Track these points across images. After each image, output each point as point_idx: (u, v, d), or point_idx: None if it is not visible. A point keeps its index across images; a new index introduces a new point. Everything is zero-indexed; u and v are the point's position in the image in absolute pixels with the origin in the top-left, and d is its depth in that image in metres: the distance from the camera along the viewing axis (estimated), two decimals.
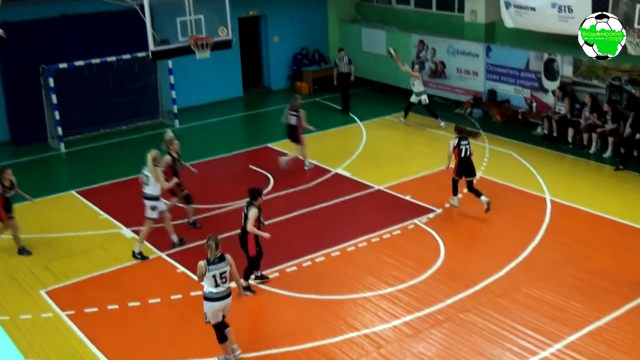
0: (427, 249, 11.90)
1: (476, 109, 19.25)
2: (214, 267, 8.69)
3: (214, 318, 8.86)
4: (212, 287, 8.72)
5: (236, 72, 21.89)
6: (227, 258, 8.83)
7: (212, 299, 8.76)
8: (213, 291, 8.73)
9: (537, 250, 11.72)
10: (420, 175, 15.11)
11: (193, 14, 14.90)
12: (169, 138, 12.75)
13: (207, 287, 8.75)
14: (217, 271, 8.69)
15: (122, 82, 19.03)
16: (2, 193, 11.99)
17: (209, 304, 8.78)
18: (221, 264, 8.74)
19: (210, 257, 8.74)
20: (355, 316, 10.08)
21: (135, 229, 12.99)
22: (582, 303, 10.09)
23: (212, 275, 8.68)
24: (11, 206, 12.21)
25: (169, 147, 12.67)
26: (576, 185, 14.48)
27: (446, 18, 20.70)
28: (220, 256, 8.78)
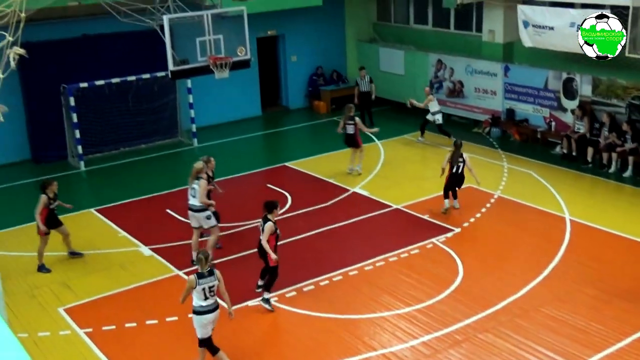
0: (445, 269, 11.82)
1: (494, 128, 19.19)
2: (204, 280, 8.94)
3: (204, 332, 9.06)
4: (202, 300, 8.94)
5: (254, 92, 22.01)
6: (216, 273, 9.08)
7: (201, 312, 8.97)
8: (202, 304, 8.94)
9: (556, 271, 11.61)
10: (438, 195, 15.03)
11: (212, 34, 15.04)
12: (206, 158, 12.78)
13: (197, 300, 8.98)
14: (207, 285, 8.93)
15: (141, 101, 19.20)
16: (47, 205, 12.24)
17: (198, 317, 9.00)
18: (210, 278, 8.98)
19: (200, 271, 8.98)
20: (372, 336, 10.02)
21: (154, 247, 13.05)
22: (602, 324, 9.97)
23: (201, 289, 8.91)
24: (55, 220, 12.46)
25: (206, 165, 12.72)
26: (596, 205, 14.35)
27: (464, 38, 20.72)
28: (209, 270, 9.03)
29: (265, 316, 10.67)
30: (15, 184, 17.13)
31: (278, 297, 11.11)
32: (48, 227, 12.32)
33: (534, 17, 17.16)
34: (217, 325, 9.88)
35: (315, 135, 20.67)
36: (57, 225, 12.60)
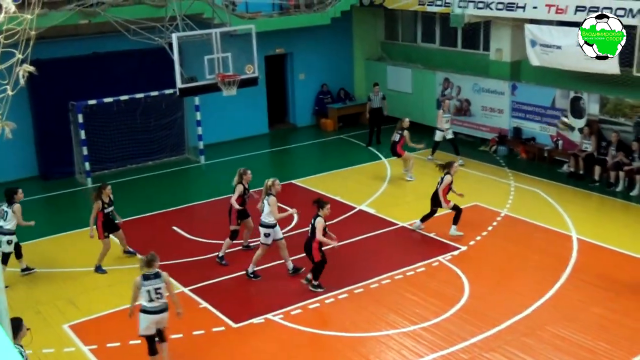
0: (451, 287, 11.78)
1: (501, 147, 19.18)
2: (149, 282, 9.24)
3: (147, 330, 9.36)
4: (147, 301, 9.27)
5: (262, 109, 22.09)
6: (162, 275, 9.34)
7: (147, 312, 9.30)
8: (147, 305, 9.27)
9: (563, 289, 11.54)
10: (445, 213, 14.99)
11: (221, 52, 15.14)
12: (242, 169, 13.16)
13: (142, 301, 9.31)
14: (152, 287, 9.23)
15: (149, 118, 19.29)
16: (102, 209, 12.69)
17: (144, 316, 9.31)
18: (156, 280, 9.27)
19: (145, 273, 9.28)
20: (378, 354, 9.96)
21: (160, 264, 13.00)
22: (610, 343, 9.89)
23: (146, 291, 9.23)
24: (112, 224, 12.99)
25: (242, 178, 13.00)
26: (603, 224, 14.28)
27: (471, 56, 20.76)
28: (155, 273, 9.31)
29: (271, 334, 10.64)
30: (23, 200, 17.12)
31: (283, 314, 11.09)
32: (105, 231, 12.78)
33: (541, 36, 17.20)
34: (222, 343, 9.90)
35: (322, 153, 20.69)
36: (115, 230, 13.11)
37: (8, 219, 12.41)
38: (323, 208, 11.59)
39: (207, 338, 10.55)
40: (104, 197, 12.75)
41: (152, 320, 9.32)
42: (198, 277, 12.46)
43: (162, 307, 9.35)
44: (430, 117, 21.16)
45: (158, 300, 9.29)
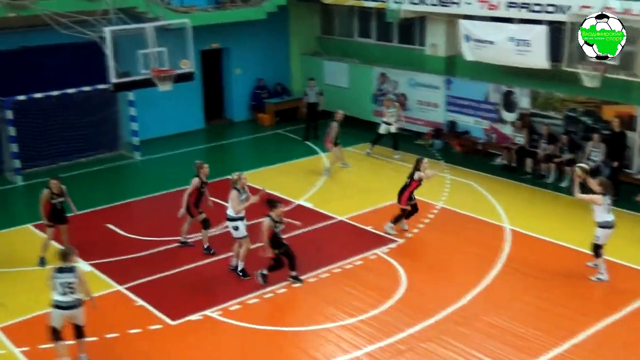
0: (388, 279, 11.90)
1: (437, 140, 19.47)
2: (62, 275, 9.18)
3: (56, 323, 9.33)
4: (59, 295, 9.21)
5: (198, 104, 21.87)
6: (76, 270, 9.28)
7: (58, 307, 9.25)
8: (60, 299, 9.21)
9: (497, 279, 11.80)
10: (382, 206, 15.16)
11: (155, 47, 14.91)
12: (199, 162, 13.11)
13: (54, 295, 9.24)
14: (63, 280, 9.16)
15: (82, 114, 18.81)
16: (50, 199, 12.69)
17: (56, 310, 9.27)
18: (69, 274, 9.19)
19: (61, 265, 9.25)
20: (317, 348, 10.00)
21: (94, 262, 12.80)
22: (541, 331, 10.16)
23: (59, 283, 9.17)
24: (61, 215, 12.90)
25: (199, 171, 12.93)
26: (535, 214, 14.65)
27: (407, 51, 20.99)
28: (71, 267, 9.24)
29: (209, 331, 10.56)
30: None
31: (222, 311, 11.02)
32: (50, 221, 12.75)
33: (474, 32, 17.52)
34: (159, 341, 9.79)
35: (259, 148, 20.61)
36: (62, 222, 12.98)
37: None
38: (275, 208, 11.44)
39: (144, 336, 10.39)
40: (53, 188, 12.75)
41: (64, 315, 9.25)
42: (134, 275, 12.26)
43: (74, 302, 9.26)
44: (366, 112, 21.35)
45: (70, 295, 9.19)
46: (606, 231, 11.44)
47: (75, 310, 9.30)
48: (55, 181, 12.89)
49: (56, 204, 12.88)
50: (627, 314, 10.60)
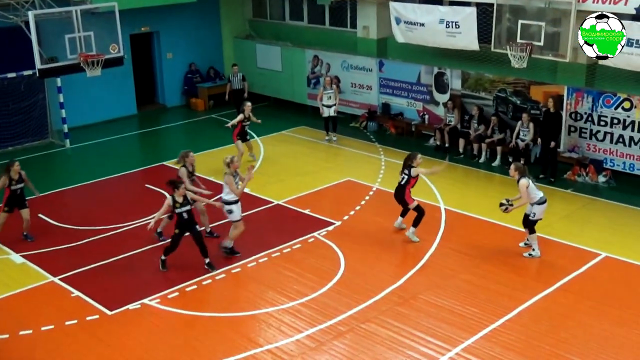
0: (327, 262, 11.98)
1: (371, 122, 19.62)
2: None
3: None
4: None
5: (129, 90, 21.45)
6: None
7: None
8: None
9: (433, 258, 12.03)
10: (319, 189, 15.23)
11: (82, 31, 14.56)
12: (184, 152, 12.94)
13: None
14: None
15: (7, 101, 18.25)
16: (9, 185, 12.68)
17: None
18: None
19: None
20: (258, 332, 10.01)
21: (25, 254, 12.48)
22: (477, 307, 10.42)
23: None
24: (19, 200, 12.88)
25: (184, 160, 12.75)
26: (468, 194, 14.96)
27: (339, 34, 21.03)
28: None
29: (148, 319, 10.44)
30: None
31: (160, 298, 10.90)
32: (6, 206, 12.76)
33: (405, 14, 17.68)
34: (97, 332, 9.63)
35: (193, 133, 20.38)
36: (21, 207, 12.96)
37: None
38: (177, 189, 11.49)
39: (80, 327, 10.20)
40: (13, 174, 12.69)
41: None
42: (68, 266, 12.00)
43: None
44: (300, 95, 21.35)
45: None
46: (542, 207, 11.79)
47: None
48: (16, 167, 12.78)
49: (16, 190, 12.82)
50: (557, 288, 10.95)
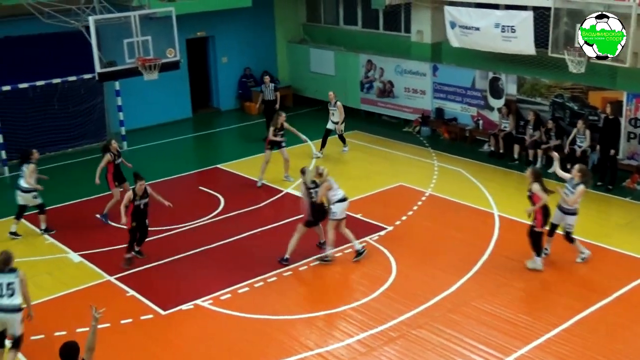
0: (378, 267, 11.94)
1: (424, 127, 19.49)
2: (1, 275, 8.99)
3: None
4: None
5: (184, 93, 21.77)
6: (18, 273, 9.10)
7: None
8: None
9: (486, 265, 11.88)
10: (372, 194, 15.20)
11: (140, 36, 14.80)
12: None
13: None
14: (3, 280, 8.94)
15: (67, 104, 18.73)
16: (113, 161, 13.80)
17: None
18: (9, 275, 9.01)
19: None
20: (308, 336, 10.04)
21: (83, 253, 12.77)
22: (531, 316, 10.25)
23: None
24: (120, 175, 14.12)
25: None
26: (523, 201, 14.64)
27: (393, 38, 20.98)
28: (11, 269, 9.09)
29: (200, 320, 10.57)
30: None
31: (213, 300, 11.03)
32: (115, 181, 13.97)
33: (460, 18, 17.53)
34: (151, 331, 9.77)
35: (246, 137, 20.54)
36: (122, 182, 14.13)
37: (23, 177, 13.36)
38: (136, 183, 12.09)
39: (135, 326, 10.39)
40: (112, 150, 13.80)
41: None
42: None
43: (11, 307, 8.96)
44: (353, 99, 21.35)
45: (9, 298, 8.94)
46: (575, 217, 11.63)
47: (10, 316, 9.01)
48: (114, 143, 13.99)
49: (119, 165, 14.03)
50: (614, 299, 10.69)
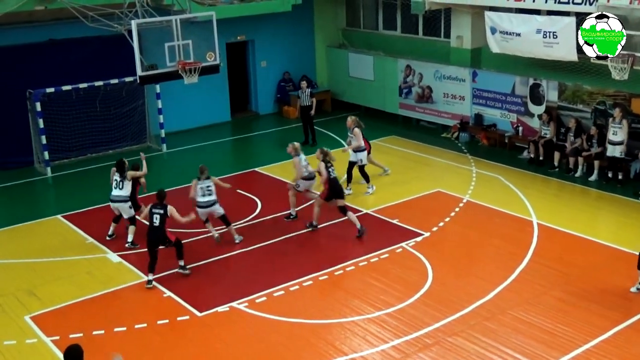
0: (415, 273, 11.88)
1: (463, 133, 19.35)
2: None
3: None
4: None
5: (224, 97, 21.95)
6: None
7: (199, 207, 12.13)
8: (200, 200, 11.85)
9: (524, 274, 11.73)
10: (409, 199, 15.13)
11: (181, 39, 14.95)
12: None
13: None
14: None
15: (109, 106, 19.04)
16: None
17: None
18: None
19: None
20: (343, 340, 10.02)
21: (122, 254, 12.94)
22: (569, 326, 10.09)
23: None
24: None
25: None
26: (562, 209, 14.52)
27: (433, 43, 20.88)
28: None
29: (236, 322, 10.63)
30: None
31: (248, 302, 11.08)
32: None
33: (501, 24, 17.37)
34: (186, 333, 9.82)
35: (284, 141, 20.50)
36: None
37: (124, 187, 13.30)
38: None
39: (171, 327, 10.49)
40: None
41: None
42: (162, 266, 12.34)
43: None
44: (391, 104, 21.31)
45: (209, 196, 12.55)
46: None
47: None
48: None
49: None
50: None
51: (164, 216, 11.68)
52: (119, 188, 13.21)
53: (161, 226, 11.69)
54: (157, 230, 11.73)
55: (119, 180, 13.25)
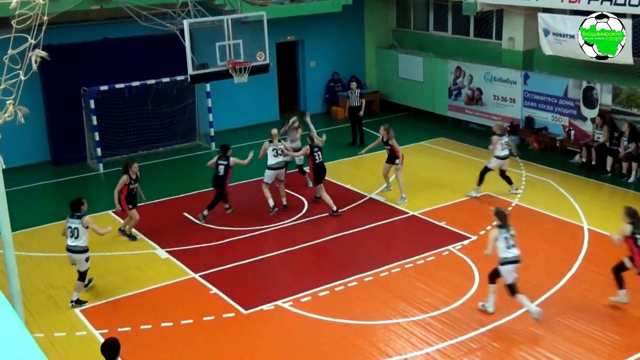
0: (461, 276, 11.78)
1: (513, 136, 19.05)
2: None
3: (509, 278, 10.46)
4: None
5: (273, 96, 22.09)
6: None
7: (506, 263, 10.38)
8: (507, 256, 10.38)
9: (573, 280, 11.53)
10: (456, 202, 15.01)
11: (232, 39, 15.11)
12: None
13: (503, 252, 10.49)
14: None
15: (160, 104, 19.34)
16: (128, 184, 13.31)
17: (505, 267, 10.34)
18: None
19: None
20: (387, 342, 9.99)
21: (170, 250, 13.13)
22: (619, 335, 9.88)
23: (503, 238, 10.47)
24: (134, 200, 13.60)
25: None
26: (614, 215, 14.11)
27: (484, 45, 20.66)
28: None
29: (280, 321, 10.69)
30: (34, 185, 17.29)
31: (293, 301, 11.13)
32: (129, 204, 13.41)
33: (554, 25, 17.10)
34: (232, 330, 9.92)
35: (332, 141, 20.57)
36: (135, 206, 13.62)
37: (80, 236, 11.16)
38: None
39: (217, 324, 10.61)
40: (131, 173, 13.33)
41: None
42: (209, 264, 12.51)
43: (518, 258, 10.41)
44: (440, 106, 21.16)
45: (514, 248, 10.51)
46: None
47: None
48: (135, 167, 13.48)
49: (133, 190, 13.51)
50: None
51: (227, 167, 14.17)
52: (74, 237, 11.11)
53: (224, 175, 14.17)
54: (222, 179, 14.20)
55: (73, 228, 11.13)
